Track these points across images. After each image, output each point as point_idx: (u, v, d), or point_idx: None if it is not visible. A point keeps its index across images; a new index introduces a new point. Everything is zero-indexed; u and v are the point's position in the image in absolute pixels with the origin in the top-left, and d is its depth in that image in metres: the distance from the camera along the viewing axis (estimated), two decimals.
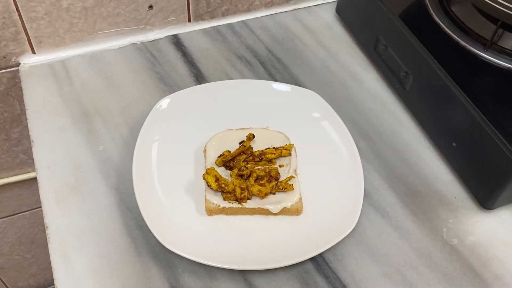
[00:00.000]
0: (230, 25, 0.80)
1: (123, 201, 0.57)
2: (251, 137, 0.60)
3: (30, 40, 0.70)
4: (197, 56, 0.75)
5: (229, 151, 0.59)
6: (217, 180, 0.55)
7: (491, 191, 0.56)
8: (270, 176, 0.56)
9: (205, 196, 0.55)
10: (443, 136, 0.62)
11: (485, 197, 0.57)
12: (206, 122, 0.63)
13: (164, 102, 0.64)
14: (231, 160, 0.58)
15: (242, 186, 0.55)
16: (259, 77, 0.72)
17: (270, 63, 0.74)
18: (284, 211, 0.55)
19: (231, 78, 0.71)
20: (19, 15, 0.67)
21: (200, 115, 0.64)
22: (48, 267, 1.18)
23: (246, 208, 0.54)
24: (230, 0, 0.78)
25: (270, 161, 0.59)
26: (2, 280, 1.15)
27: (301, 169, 0.59)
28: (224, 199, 0.55)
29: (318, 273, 0.52)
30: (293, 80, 0.72)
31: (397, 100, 0.70)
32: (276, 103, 0.66)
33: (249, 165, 0.57)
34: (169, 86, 0.70)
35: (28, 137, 0.82)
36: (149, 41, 0.76)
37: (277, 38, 0.78)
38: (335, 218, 0.54)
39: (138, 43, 0.76)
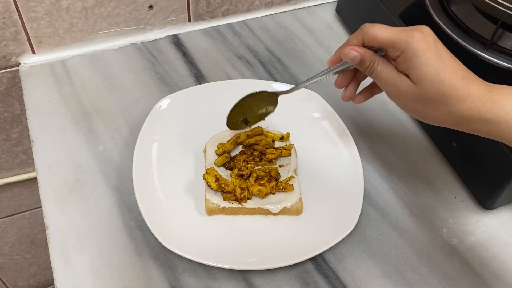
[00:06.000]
0: (230, 25, 0.80)
1: (123, 201, 0.57)
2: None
3: (30, 40, 0.70)
4: (197, 56, 0.75)
5: (228, 153, 0.59)
6: (217, 180, 0.55)
7: (491, 191, 0.56)
8: (270, 176, 0.56)
9: (205, 196, 0.55)
10: (443, 136, 0.62)
11: (485, 197, 0.57)
12: (206, 122, 0.63)
13: (164, 102, 0.64)
14: (231, 160, 0.58)
15: (242, 186, 0.55)
16: (259, 77, 0.72)
17: (270, 63, 0.74)
18: (284, 211, 0.55)
19: (231, 78, 0.71)
20: (19, 15, 0.67)
21: (200, 115, 0.64)
22: (48, 267, 1.18)
23: (246, 208, 0.54)
24: (230, 0, 0.78)
25: (270, 161, 0.59)
26: (2, 280, 1.15)
27: (301, 169, 0.59)
28: (224, 199, 0.55)
29: (318, 273, 0.52)
30: (293, 80, 0.72)
31: None
32: None
33: (249, 165, 0.57)
34: (169, 86, 0.70)
35: (28, 137, 0.82)
36: (149, 41, 0.76)
37: (277, 38, 0.78)
38: (335, 218, 0.54)
39: (138, 43, 0.76)
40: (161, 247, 0.52)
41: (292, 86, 0.67)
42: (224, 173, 0.57)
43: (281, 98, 0.67)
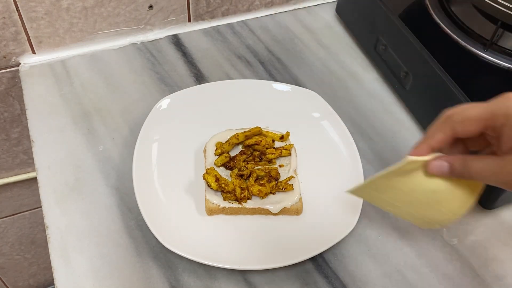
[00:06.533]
0: (230, 25, 0.80)
1: (123, 201, 0.57)
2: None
3: (30, 40, 0.70)
4: (197, 56, 0.75)
5: (228, 153, 0.59)
6: (217, 180, 0.55)
7: (491, 191, 0.56)
8: (270, 176, 0.56)
9: (205, 196, 0.55)
10: None
11: (485, 197, 0.57)
12: (206, 122, 0.63)
13: (164, 102, 0.64)
14: (231, 160, 0.58)
15: (242, 186, 0.55)
16: (259, 77, 0.72)
17: (270, 63, 0.74)
18: (284, 211, 0.55)
19: (231, 78, 0.71)
20: (19, 15, 0.67)
21: (200, 115, 0.64)
22: (48, 267, 1.18)
23: (246, 208, 0.54)
24: (230, 0, 0.78)
25: (270, 161, 0.59)
26: (2, 280, 1.15)
27: (301, 169, 0.59)
28: (224, 199, 0.55)
29: (318, 273, 0.52)
30: (293, 80, 0.72)
31: (397, 100, 0.70)
32: (276, 103, 0.66)
33: (249, 165, 0.57)
34: (169, 86, 0.70)
35: (28, 137, 0.82)
36: (149, 41, 0.76)
37: (277, 38, 0.78)
38: (335, 218, 0.54)
39: (138, 43, 0.76)
40: (161, 247, 0.52)
41: (292, 85, 0.67)
42: (224, 173, 0.57)
43: (281, 98, 0.67)
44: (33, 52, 0.72)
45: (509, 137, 0.36)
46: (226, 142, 0.59)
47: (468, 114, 0.38)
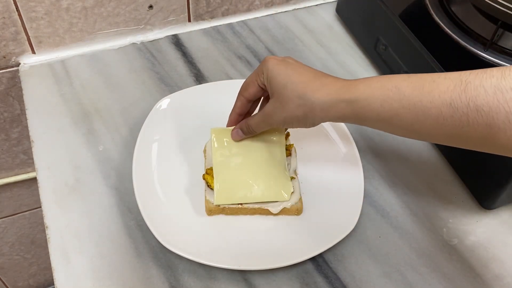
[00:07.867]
0: (230, 25, 0.80)
1: (123, 201, 0.57)
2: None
3: (30, 40, 0.70)
4: (197, 56, 0.75)
5: None
6: None
7: (491, 191, 0.56)
8: None
9: (205, 196, 0.55)
10: None
11: (485, 197, 0.57)
12: (206, 122, 0.63)
13: (164, 102, 0.64)
14: None
15: None
16: None
17: None
18: (284, 211, 0.55)
19: (231, 78, 0.71)
20: (19, 15, 0.67)
21: (200, 115, 0.64)
22: (48, 267, 1.18)
23: (246, 208, 0.54)
24: (230, 0, 0.78)
25: None
26: (2, 280, 1.15)
27: (301, 169, 0.59)
28: None
29: (318, 273, 0.52)
30: None
31: None
32: None
33: None
34: (169, 86, 0.70)
35: (28, 137, 0.82)
36: (149, 41, 0.76)
37: (277, 38, 0.78)
38: (335, 218, 0.54)
39: (138, 43, 0.76)
40: (161, 247, 0.52)
41: None
42: None
43: None
44: (33, 52, 0.72)
45: (269, 88, 0.48)
46: None
47: (246, 82, 0.51)
